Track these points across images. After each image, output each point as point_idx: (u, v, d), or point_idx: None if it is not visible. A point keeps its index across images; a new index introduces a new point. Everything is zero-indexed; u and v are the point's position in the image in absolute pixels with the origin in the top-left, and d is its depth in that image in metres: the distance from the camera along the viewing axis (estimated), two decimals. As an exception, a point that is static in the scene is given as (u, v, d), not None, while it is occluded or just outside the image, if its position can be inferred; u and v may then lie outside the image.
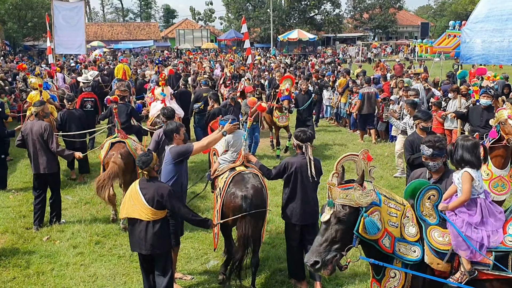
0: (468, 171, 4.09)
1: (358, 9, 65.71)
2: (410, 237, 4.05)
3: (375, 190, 4.03)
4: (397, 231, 4.04)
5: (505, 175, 6.37)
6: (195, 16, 75.52)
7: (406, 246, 4.04)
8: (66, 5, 22.17)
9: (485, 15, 11.24)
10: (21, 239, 7.35)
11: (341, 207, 3.91)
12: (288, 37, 49.00)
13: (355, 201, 3.90)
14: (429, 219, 4.08)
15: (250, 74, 18.08)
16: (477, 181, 4.08)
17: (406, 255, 4.01)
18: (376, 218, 3.93)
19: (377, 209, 3.96)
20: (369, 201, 3.93)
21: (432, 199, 4.10)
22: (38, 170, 7.74)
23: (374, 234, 3.87)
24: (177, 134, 5.80)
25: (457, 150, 4.17)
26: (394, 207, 4.06)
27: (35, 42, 53.17)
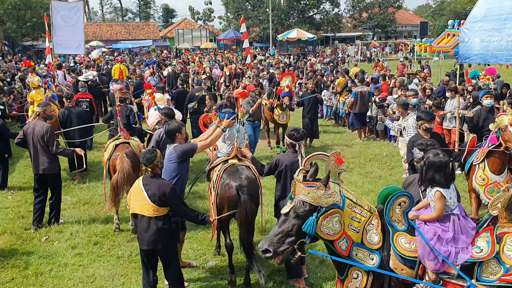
0: (439, 190, 4.06)
1: (357, 8, 65.66)
2: (371, 244, 4.06)
3: (341, 193, 4.04)
4: (358, 236, 4.06)
5: (501, 181, 6.26)
6: (194, 15, 75.48)
7: (364, 252, 4.06)
8: (64, 5, 22.16)
9: (484, 15, 11.23)
10: (20, 240, 7.35)
11: (302, 203, 3.95)
12: (287, 36, 48.95)
13: (315, 199, 3.92)
14: (397, 225, 4.07)
15: (251, 72, 18.07)
16: (449, 199, 4.07)
17: (363, 262, 4.03)
18: (335, 220, 3.96)
19: (337, 211, 3.98)
20: (330, 202, 3.94)
21: (402, 205, 4.08)
22: (38, 171, 7.78)
23: (308, 231, 3.87)
24: (179, 133, 5.93)
25: (428, 170, 4.11)
26: (358, 213, 4.09)
27: (34, 42, 53.17)
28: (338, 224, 3.99)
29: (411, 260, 3.97)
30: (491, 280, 3.81)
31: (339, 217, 3.99)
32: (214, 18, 75.67)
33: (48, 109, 8.03)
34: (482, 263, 3.87)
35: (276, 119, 12.16)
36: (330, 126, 16.21)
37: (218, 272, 6.32)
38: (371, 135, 14.28)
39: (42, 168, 7.73)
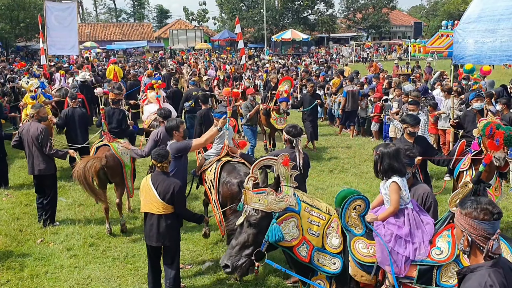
0: (395, 181, 4.06)
1: (351, 9, 65.85)
2: (332, 248, 3.97)
3: (296, 196, 3.96)
4: (318, 240, 3.96)
5: (490, 189, 5.95)
6: (188, 16, 75.35)
7: (326, 257, 3.96)
8: (58, 5, 22.11)
9: (478, 15, 11.27)
10: (15, 242, 7.31)
11: (254, 211, 3.88)
12: (281, 37, 49.10)
13: (267, 205, 3.85)
14: (354, 230, 3.99)
15: (245, 74, 18.07)
16: (404, 191, 4.06)
17: (325, 266, 3.94)
18: (291, 225, 3.88)
19: (293, 215, 3.90)
20: (283, 207, 3.87)
21: (358, 209, 4.00)
22: (34, 172, 7.85)
23: (273, 240, 3.79)
24: (176, 131, 6.28)
25: (384, 159, 4.12)
26: (316, 216, 3.99)
27: (27, 43, 52.94)
28: (295, 229, 3.90)
29: (370, 266, 3.88)
30: (450, 284, 3.73)
31: (296, 222, 3.90)
32: (208, 18, 75.68)
33: (42, 110, 8.07)
34: (441, 267, 3.78)
35: (273, 124, 11.99)
36: (325, 127, 16.23)
37: (215, 273, 6.31)
38: (366, 136, 14.32)
39: (37, 169, 7.80)
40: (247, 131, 11.48)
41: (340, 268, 3.91)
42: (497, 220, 2.65)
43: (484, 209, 2.66)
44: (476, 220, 2.66)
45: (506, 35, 10.18)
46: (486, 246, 2.63)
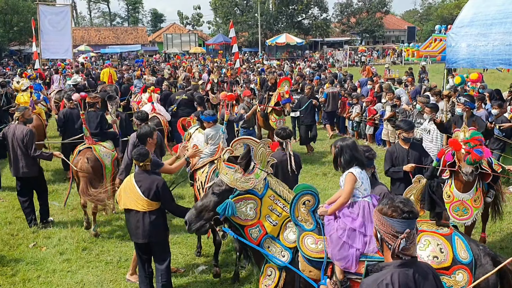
0: (352, 172, 4.10)
1: (345, 13, 66.09)
2: (286, 241, 4.07)
3: (265, 182, 4.10)
4: (274, 229, 4.09)
5: (468, 200, 5.86)
6: (183, 20, 75.39)
7: (278, 247, 4.08)
8: (52, 9, 22.06)
9: (470, 20, 11.34)
10: (7, 246, 7.26)
11: (220, 181, 4.09)
12: (276, 41, 49.12)
13: (231, 181, 4.03)
14: (305, 225, 4.04)
15: (239, 78, 18.04)
16: (360, 183, 4.09)
17: (274, 255, 4.06)
18: (249, 206, 4.04)
19: (253, 198, 4.05)
20: (246, 187, 4.02)
21: (307, 204, 4.06)
22: (18, 173, 7.89)
23: (220, 212, 3.99)
24: (150, 138, 6.09)
25: (345, 151, 4.20)
26: (280, 206, 4.11)
27: (21, 46, 52.68)
28: (252, 211, 4.05)
29: (318, 261, 3.92)
30: None
31: (255, 205, 4.05)
32: (203, 23, 75.76)
33: (27, 112, 8.11)
34: None
35: (273, 125, 11.81)
36: (319, 130, 16.21)
37: (208, 277, 6.29)
38: (360, 139, 14.36)
39: (21, 172, 7.84)
40: (243, 134, 11.37)
41: (288, 261, 4.01)
42: (407, 219, 2.55)
43: (394, 206, 2.58)
44: (384, 216, 2.60)
45: (498, 39, 10.25)
46: (393, 245, 2.55)
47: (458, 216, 5.97)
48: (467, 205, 5.91)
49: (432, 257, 3.81)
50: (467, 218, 5.94)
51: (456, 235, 3.92)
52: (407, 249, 2.55)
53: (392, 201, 2.62)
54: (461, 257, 3.79)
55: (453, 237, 3.90)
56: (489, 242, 7.01)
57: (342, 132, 15.34)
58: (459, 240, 3.87)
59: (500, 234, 7.44)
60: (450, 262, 3.77)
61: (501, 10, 10.50)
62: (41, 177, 8.25)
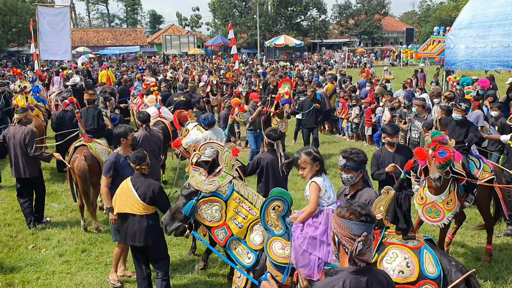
0: (315, 181, 4.14)
1: (344, 15, 66.18)
2: (252, 244, 4.15)
3: (230, 185, 4.23)
4: (240, 231, 4.19)
5: (440, 202, 5.89)
6: (181, 21, 75.39)
7: (244, 249, 4.18)
8: (51, 10, 22.09)
9: (469, 22, 11.39)
10: (6, 248, 7.26)
11: (188, 184, 4.26)
12: (274, 43, 49.19)
13: (196, 183, 4.20)
14: (274, 230, 4.07)
15: (245, 81, 17.99)
16: (323, 191, 4.12)
17: (239, 257, 4.16)
18: (214, 209, 4.20)
19: (218, 201, 4.20)
20: (209, 190, 4.18)
21: (277, 209, 4.09)
22: (19, 175, 7.89)
23: (184, 212, 4.19)
24: (124, 138, 6.06)
25: (320, 157, 4.32)
26: (246, 209, 4.22)
27: (19, 48, 52.68)
28: (218, 213, 4.19)
29: (284, 266, 3.93)
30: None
31: (220, 207, 4.19)
32: (201, 24, 75.72)
33: (28, 114, 8.17)
34: None
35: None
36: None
37: (208, 277, 6.29)
38: (359, 141, 14.36)
39: (22, 172, 7.86)
40: (250, 135, 11.32)
41: (253, 263, 4.11)
42: (364, 223, 2.54)
43: (352, 209, 2.58)
44: (343, 219, 2.59)
45: (497, 41, 10.30)
46: (351, 248, 2.53)
47: (431, 218, 6.01)
48: (439, 207, 5.91)
49: (398, 271, 3.74)
50: (439, 220, 5.95)
51: (425, 249, 3.82)
52: (364, 254, 2.53)
53: (350, 205, 2.63)
54: (428, 272, 3.70)
55: (422, 251, 3.81)
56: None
57: (341, 134, 15.36)
58: (428, 254, 3.78)
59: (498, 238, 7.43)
60: (417, 277, 3.70)
61: (500, 12, 10.55)
62: (41, 178, 8.34)
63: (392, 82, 20.58)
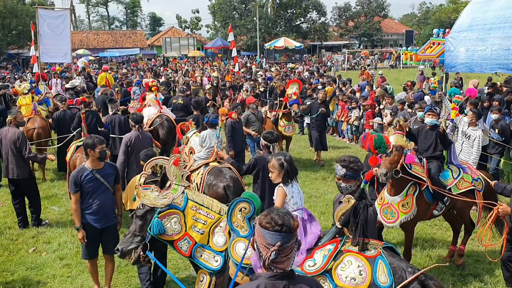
0: (282, 186, 4.33)
1: (344, 17, 66.30)
2: (216, 246, 4.19)
3: (184, 195, 4.28)
4: (202, 237, 4.23)
5: (395, 204, 5.89)
6: (181, 24, 75.50)
7: (209, 254, 4.20)
8: (51, 13, 22.08)
9: (469, 24, 11.38)
10: (7, 251, 7.26)
11: (141, 205, 4.25)
12: (274, 45, 49.25)
13: (150, 201, 4.19)
14: (240, 231, 4.13)
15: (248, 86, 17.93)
16: (289, 197, 4.28)
17: (207, 263, 4.18)
18: (173, 221, 4.21)
19: (176, 212, 4.22)
20: (165, 203, 4.20)
21: (243, 211, 4.14)
22: (8, 175, 8.07)
23: (156, 233, 4.14)
24: (92, 150, 5.60)
25: (292, 165, 4.49)
26: (204, 214, 4.27)
27: (19, 50, 52.69)
28: (178, 225, 4.22)
29: (245, 267, 3.91)
30: None
31: (178, 218, 4.22)
32: (201, 26, 75.95)
33: (19, 116, 8.30)
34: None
35: (282, 131, 11.47)
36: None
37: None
38: (359, 143, 14.41)
39: (11, 173, 8.01)
40: (250, 142, 11.21)
41: (221, 265, 4.13)
42: (279, 232, 2.48)
43: (270, 218, 2.53)
44: (260, 227, 2.56)
45: (497, 43, 10.29)
46: (264, 256, 2.50)
47: (386, 219, 6.01)
48: (394, 209, 5.90)
49: (350, 279, 3.75)
50: (393, 221, 5.95)
51: (380, 259, 3.80)
52: (279, 262, 2.50)
53: (271, 213, 2.56)
54: (380, 281, 3.69)
55: (376, 260, 3.79)
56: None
57: (341, 136, 15.37)
58: (382, 264, 3.76)
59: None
60: (367, 285, 3.70)
61: (500, 15, 10.55)
62: (32, 181, 8.39)
63: (393, 84, 20.64)
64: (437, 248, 7.12)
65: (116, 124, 10.19)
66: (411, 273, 3.69)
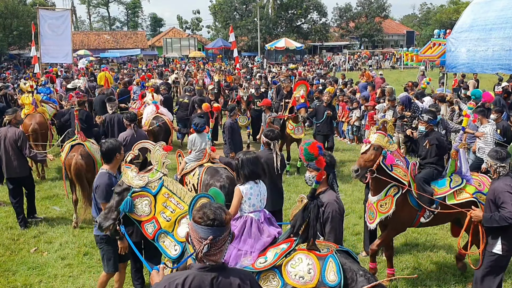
0: (239, 187, 4.41)
1: (344, 18, 66.28)
2: (178, 236, 4.31)
3: (160, 181, 4.43)
4: (168, 224, 4.35)
5: (374, 203, 5.86)
6: (182, 24, 75.49)
7: (171, 241, 4.34)
8: (52, 14, 22.13)
9: (470, 25, 11.41)
10: (8, 251, 7.26)
11: (121, 182, 4.44)
12: (275, 45, 49.27)
13: (128, 180, 4.38)
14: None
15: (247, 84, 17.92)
16: (246, 199, 4.34)
17: (167, 249, 4.33)
18: (144, 203, 4.37)
19: (148, 195, 4.38)
20: (139, 185, 4.37)
21: None
22: (11, 174, 8.11)
23: (124, 210, 4.33)
24: (119, 153, 5.38)
25: (245, 165, 4.52)
26: (174, 203, 4.40)
27: (20, 51, 52.75)
28: (148, 208, 4.38)
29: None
30: None
31: (149, 201, 4.37)
32: (202, 27, 75.95)
33: (18, 115, 8.39)
34: (260, 274, 3.89)
35: (290, 133, 11.06)
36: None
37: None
38: (360, 143, 14.40)
39: (15, 172, 8.09)
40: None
41: (178, 255, 4.26)
42: (211, 227, 2.59)
43: (202, 213, 2.63)
44: (193, 222, 2.67)
45: (498, 44, 10.31)
46: (197, 249, 2.61)
47: (369, 219, 5.99)
48: (374, 209, 5.87)
49: (298, 277, 3.76)
50: (372, 222, 5.92)
51: (331, 257, 3.79)
52: (212, 255, 2.62)
53: (205, 208, 2.67)
54: (328, 280, 3.68)
55: (327, 259, 3.78)
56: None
57: (342, 137, 15.38)
58: (332, 263, 3.75)
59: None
60: (315, 284, 3.70)
61: (501, 16, 10.57)
62: (30, 176, 8.57)
63: (394, 85, 20.63)
64: (438, 249, 7.12)
65: (115, 123, 10.22)
66: (362, 276, 3.69)
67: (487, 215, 4.91)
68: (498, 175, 4.91)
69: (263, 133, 6.71)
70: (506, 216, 4.68)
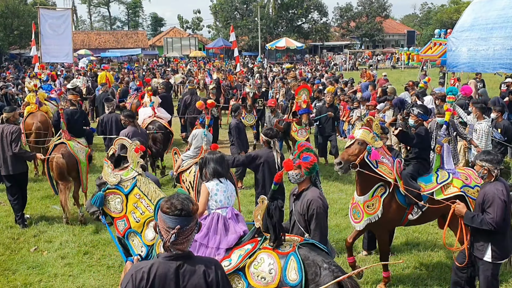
0: (205, 184, 4.48)
1: (345, 17, 66.29)
2: (145, 238, 4.39)
3: (133, 181, 4.51)
4: (137, 225, 4.44)
5: (361, 203, 5.79)
6: (183, 24, 75.47)
7: (139, 242, 4.43)
8: (53, 13, 22.13)
9: (471, 24, 11.39)
10: (8, 250, 7.25)
11: (100, 176, 4.59)
12: (276, 45, 49.26)
13: (104, 175, 4.54)
14: None
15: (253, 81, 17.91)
16: (213, 195, 4.41)
17: (135, 249, 4.43)
18: (117, 201, 4.50)
19: (120, 194, 4.49)
20: (113, 182, 4.49)
21: None
22: (9, 171, 8.08)
23: (93, 204, 4.56)
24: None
25: (209, 163, 4.64)
26: (144, 205, 4.47)
27: (21, 50, 52.76)
28: (120, 206, 4.49)
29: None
30: None
31: (121, 200, 4.48)
32: (203, 27, 75.87)
33: (16, 113, 8.43)
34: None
35: (294, 136, 10.88)
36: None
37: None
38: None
39: (12, 169, 8.06)
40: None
41: (144, 256, 4.32)
42: (178, 216, 2.67)
43: (170, 203, 2.71)
44: (161, 212, 2.73)
45: (499, 43, 10.30)
46: (164, 239, 2.68)
47: (354, 219, 5.94)
48: (360, 209, 5.80)
49: (260, 278, 3.73)
50: (358, 222, 5.85)
51: (292, 255, 3.72)
52: (179, 244, 2.70)
53: (171, 199, 2.75)
54: (289, 279, 3.62)
55: (288, 257, 3.72)
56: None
57: (342, 136, 15.33)
58: (293, 261, 3.68)
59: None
60: (277, 283, 3.65)
61: (502, 15, 10.55)
62: (27, 174, 8.60)
63: (394, 84, 20.59)
64: (439, 248, 7.10)
65: (113, 122, 10.22)
66: (326, 269, 3.59)
67: (470, 213, 4.86)
68: (495, 178, 4.83)
69: (263, 132, 6.75)
70: (488, 221, 4.62)
